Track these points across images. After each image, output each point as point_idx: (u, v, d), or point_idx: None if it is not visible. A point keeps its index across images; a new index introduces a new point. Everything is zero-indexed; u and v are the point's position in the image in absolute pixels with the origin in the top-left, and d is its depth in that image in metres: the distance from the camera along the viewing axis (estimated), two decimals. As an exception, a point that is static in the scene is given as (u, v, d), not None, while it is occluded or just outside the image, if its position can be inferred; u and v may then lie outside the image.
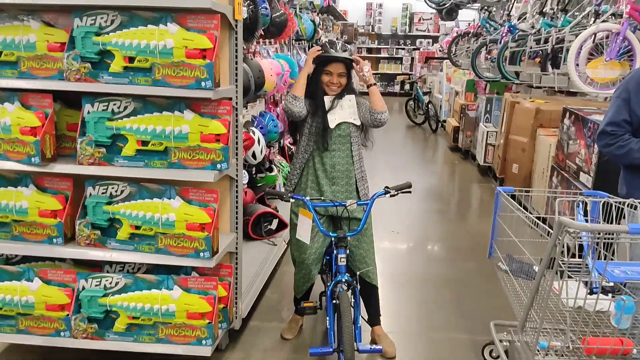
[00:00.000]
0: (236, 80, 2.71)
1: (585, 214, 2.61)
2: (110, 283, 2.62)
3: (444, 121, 10.52)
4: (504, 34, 6.88)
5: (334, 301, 2.66)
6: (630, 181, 2.79)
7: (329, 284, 2.79)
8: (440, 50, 13.95)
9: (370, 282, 3.03)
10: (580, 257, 2.39)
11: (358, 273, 2.91)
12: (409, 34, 17.92)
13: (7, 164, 2.53)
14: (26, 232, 2.63)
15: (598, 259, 2.04)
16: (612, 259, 2.10)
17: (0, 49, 2.51)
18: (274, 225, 4.32)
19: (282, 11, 4.52)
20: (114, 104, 2.51)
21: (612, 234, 1.93)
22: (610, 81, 4.28)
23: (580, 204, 2.41)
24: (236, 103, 2.69)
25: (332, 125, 2.91)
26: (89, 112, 2.51)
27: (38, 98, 2.50)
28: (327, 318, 2.74)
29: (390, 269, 4.27)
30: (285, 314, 3.41)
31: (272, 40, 4.88)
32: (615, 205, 2.49)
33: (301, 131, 3.00)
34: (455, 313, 3.57)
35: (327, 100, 2.92)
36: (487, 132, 7.07)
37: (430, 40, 17.56)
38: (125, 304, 2.60)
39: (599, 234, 1.86)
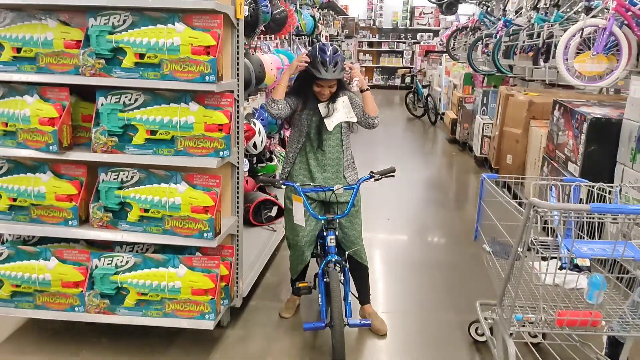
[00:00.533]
0: (237, 75, 2.91)
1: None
2: (121, 262, 2.83)
3: (443, 114, 10.69)
4: (499, 29, 7.05)
5: (325, 279, 2.86)
6: None
7: (320, 264, 2.99)
8: (440, 44, 14.09)
9: (361, 262, 3.22)
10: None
11: (347, 252, 3.10)
12: (409, 27, 18.06)
13: (27, 151, 2.75)
14: (44, 215, 2.85)
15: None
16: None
17: (20, 46, 2.72)
18: (274, 212, 4.52)
19: (282, 8, 4.70)
20: (126, 97, 2.72)
21: (583, 214, 2.12)
22: (597, 74, 4.45)
23: (553, 187, 2.60)
24: (237, 95, 2.89)
25: (330, 128, 3.06)
26: (102, 104, 2.71)
27: (55, 91, 2.71)
28: (320, 296, 2.95)
29: (386, 254, 4.48)
30: (284, 295, 3.62)
31: (273, 36, 5.07)
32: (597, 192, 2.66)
33: (293, 122, 3.16)
34: (445, 294, 3.78)
35: (322, 107, 3.06)
36: (483, 124, 7.25)
37: (431, 34, 17.69)
38: (134, 281, 2.81)
39: (566, 213, 2.06)
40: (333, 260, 2.86)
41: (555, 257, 2.46)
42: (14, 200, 2.86)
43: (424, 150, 9.12)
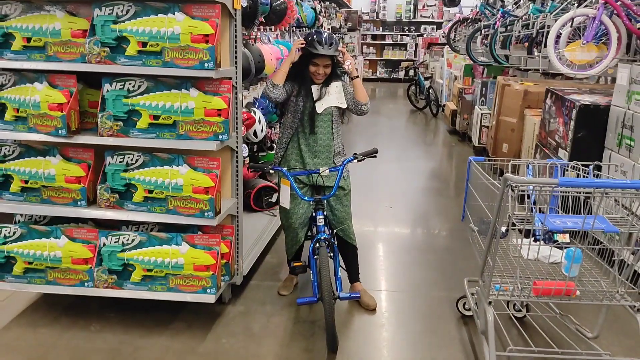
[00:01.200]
0: (236, 62, 3.06)
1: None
2: (127, 240, 3.00)
3: (444, 105, 10.81)
4: (497, 19, 7.17)
5: (315, 257, 3.03)
6: None
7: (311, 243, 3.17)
8: (443, 36, 14.17)
9: (350, 242, 3.40)
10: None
11: (335, 231, 3.31)
12: (413, 20, 18.14)
13: (37, 135, 2.92)
14: (54, 196, 3.02)
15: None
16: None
17: (29, 36, 2.89)
18: (274, 198, 4.68)
19: (282, 0, 4.85)
20: (130, 83, 2.88)
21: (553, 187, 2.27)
22: (588, 63, 4.58)
23: (530, 165, 2.75)
24: (236, 82, 3.05)
25: (319, 110, 3.23)
26: (108, 91, 2.88)
27: (64, 78, 2.88)
28: (311, 272, 3.11)
29: (382, 239, 4.65)
30: (283, 275, 3.79)
31: (273, 27, 5.22)
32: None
33: (286, 108, 3.31)
34: (436, 274, 3.94)
35: (315, 89, 3.23)
36: (482, 114, 7.38)
37: (434, 27, 17.76)
38: (140, 258, 2.99)
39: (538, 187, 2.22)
40: (322, 238, 3.02)
41: (537, 235, 2.62)
42: (26, 182, 3.04)
43: (425, 141, 9.25)
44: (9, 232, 3.06)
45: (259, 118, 4.48)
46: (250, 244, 3.82)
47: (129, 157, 2.98)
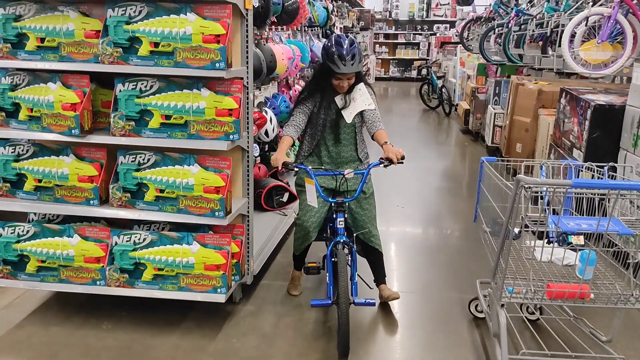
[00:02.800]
0: (247, 62, 3.07)
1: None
2: (139, 239, 3.02)
3: (457, 105, 10.75)
4: (512, 18, 7.11)
5: (333, 259, 2.94)
6: None
7: (329, 245, 3.06)
8: (456, 35, 14.10)
9: (373, 247, 3.29)
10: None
11: (355, 234, 3.23)
12: (426, 19, 18.06)
13: (51, 135, 2.94)
14: (67, 195, 3.05)
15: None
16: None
17: (43, 36, 2.91)
18: (285, 197, 4.68)
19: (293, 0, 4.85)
20: (142, 84, 2.90)
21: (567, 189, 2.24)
22: (602, 62, 4.53)
23: (543, 166, 2.72)
24: (247, 82, 3.05)
25: (349, 119, 3.14)
26: (120, 91, 2.90)
27: (77, 78, 2.90)
28: (327, 274, 3.05)
29: (394, 239, 4.63)
30: (294, 274, 3.79)
31: (285, 27, 5.22)
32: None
33: (309, 122, 3.21)
34: (448, 275, 3.92)
35: (339, 99, 3.14)
36: (495, 113, 7.32)
37: (448, 26, 17.67)
38: (151, 257, 3.00)
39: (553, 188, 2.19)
40: (341, 241, 2.94)
41: (550, 237, 2.59)
42: (39, 181, 3.07)
43: (437, 140, 9.21)
44: (23, 231, 3.09)
45: (271, 118, 4.48)
46: (261, 243, 3.82)
47: (140, 157, 2.99)
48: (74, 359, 2.83)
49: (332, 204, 3.06)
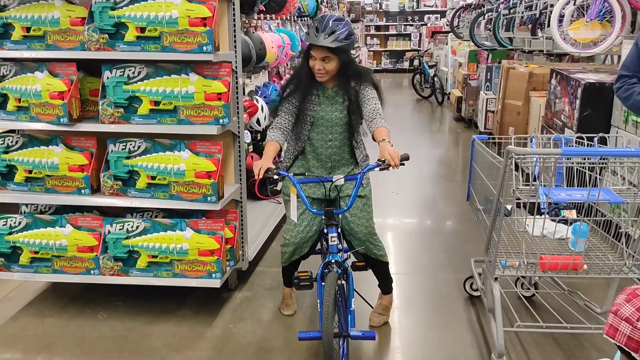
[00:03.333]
0: (235, 47, 3.05)
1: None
2: (132, 227, 3.01)
3: (449, 93, 10.75)
4: (501, 2, 7.11)
5: (323, 283, 2.43)
6: None
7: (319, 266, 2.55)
8: (447, 25, 14.09)
9: (376, 259, 2.86)
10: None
11: (350, 252, 2.85)
12: (416, 10, 18.03)
13: (39, 125, 2.93)
14: (58, 185, 3.03)
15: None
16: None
17: (29, 25, 2.89)
18: (279, 186, 4.67)
19: (282, -12, 4.83)
20: (129, 70, 2.88)
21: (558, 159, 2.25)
22: (592, 41, 4.52)
23: (533, 138, 2.72)
24: (235, 66, 3.04)
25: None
26: (108, 78, 2.88)
27: (64, 66, 2.88)
28: (318, 301, 2.51)
29: (389, 224, 4.63)
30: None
31: (274, 15, 5.20)
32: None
33: (296, 117, 2.75)
34: (443, 257, 3.92)
35: (331, 92, 2.71)
36: (487, 99, 7.32)
37: (439, 16, 17.65)
38: (145, 245, 2.99)
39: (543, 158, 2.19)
40: (333, 261, 2.45)
41: (542, 209, 2.59)
42: (30, 172, 3.05)
43: (430, 129, 9.21)
44: (15, 222, 3.08)
45: (262, 106, 4.47)
46: (255, 230, 3.82)
47: (131, 144, 2.98)
48: (70, 350, 2.82)
49: (322, 217, 2.57)
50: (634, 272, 2.41)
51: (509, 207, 2.85)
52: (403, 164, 2.39)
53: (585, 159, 2.36)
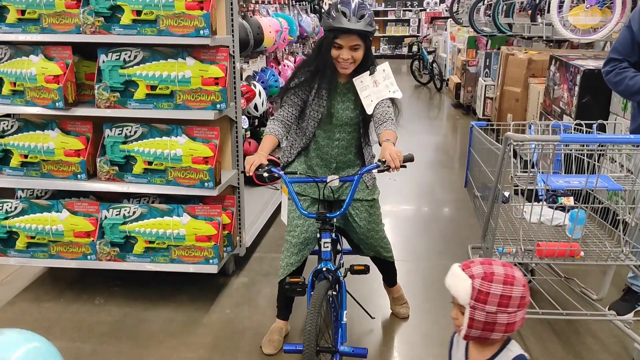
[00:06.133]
0: (232, 31, 3.02)
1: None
2: (129, 212, 3.00)
3: (448, 79, 10.70)
4: (501, -11, 7.05)
5: (312, 292, 2.21)
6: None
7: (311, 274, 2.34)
8: (446, 10, 14.00)
9: (383, 259, 2.80)
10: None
11: (365, 252, 2.72)
12: (416, -5, 17.90)
13: (35, 109, 2.90)
14: (54, 169, 3.01)
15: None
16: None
17: (24, 8, 2.85)
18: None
19: (279, -29, 4.78)
20: (125, 54, 2.85)
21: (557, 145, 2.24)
22: (592, 27, 4.50)
23: (532, 125, 2.71)
24: (232, 51, 3.01)
25: (370, 110, 2.41)
26: (103, 61, 2.85)
27: (59, 50, 2.85)
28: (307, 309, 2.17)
29: (387, 211, 4.61)
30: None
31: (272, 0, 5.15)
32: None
33: (302, 111, 2.50)
34: (440, 243, 3.93)
35: (357, 82, 2.42)
36: (486, 85, 7.29)
37: (438, 1, 17.51)
38: (142, 230, 2.99)
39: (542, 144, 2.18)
40: (324, 269, 2.25)
41: (540, 195, 2.59)
42: (25, 157, 3.03)
43: (429, 115, 9.18)
44: (11, 207, 3.07)
45: (259, 91, 4.44)
46: (253, 216, 3.81)
47: (127, 129, 2.96)
48: (67, 334, 2.82)
49: (315, 220, 2.34)
50: (631, 259, 2.42)
51: (506, 193, 2.84)
52: (405, 166, 2.18)
53: (583, 145, 2.35)
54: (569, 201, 2.84)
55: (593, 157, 2.31)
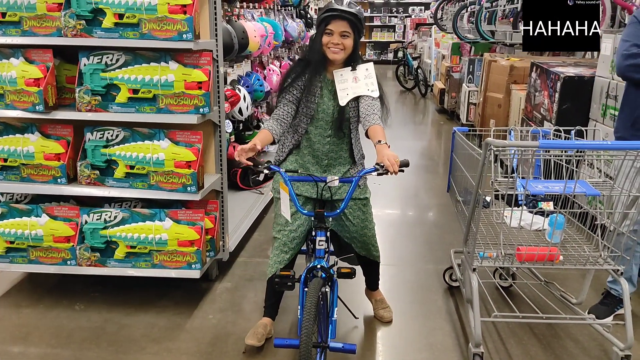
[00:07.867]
0: (216, 35, 3.02)
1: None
2: (110, 217, 2.97)
3: (433, 85, 10.79)
4: (484, -4, 7.14)
5: (306, 289, 2.27)
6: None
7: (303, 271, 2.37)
8: (431, 17, 14.12)
9: (370, 259, 2.83)
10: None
11: (337, 261, 2.68)
12: (401, 1, 18.04)
13: (15, 112, 2.87)
14: (33, 173, 2.98)
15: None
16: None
17: (4, 10, 2.82)
18: (261, 176, 4.66)
19: (264, -24, 4.79)
20: (107, 57, 2.83)
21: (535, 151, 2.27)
22: (572, 35, 4.55)
23: (512, 131, 2.74)
24: (216, 55, 3.01)
25: (343, 102, 2.49)
26: (85, 65, 2.83)
27: (40, 53, 2.82)
28: (299, 308, 2.31)
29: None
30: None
31: (257, 4, 5.16)
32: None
33: (297, 109, 2.57)
34: (424, 248, 3.95)
35: (337, 73, 2.49)
36: (469, 91, 7.37)
37: (422, 7, 17.67)
38: (123, 235, 2.96)
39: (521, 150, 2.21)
40: (318, 266, 2.30)
41: (520, 201, 2.62)
42: (5, 160, 2.99)
43: (414, 120, 9.24)
44: (-11, 212, 3.03)
45: (244, 96, 4.44)
46: (237, 221, 3.80)
47: (109, 133, 2.93)
48: (46, 341, 2.78)
49: (312, 218, 2.42)
50: (609, 263, 2.45)
51: (487, 198, 2.87)
52: (402, 171, 2.23)
53: (562, 151, 2.38)
54: (549, 205, 2.88)
55: (572, 162, 2.34)
